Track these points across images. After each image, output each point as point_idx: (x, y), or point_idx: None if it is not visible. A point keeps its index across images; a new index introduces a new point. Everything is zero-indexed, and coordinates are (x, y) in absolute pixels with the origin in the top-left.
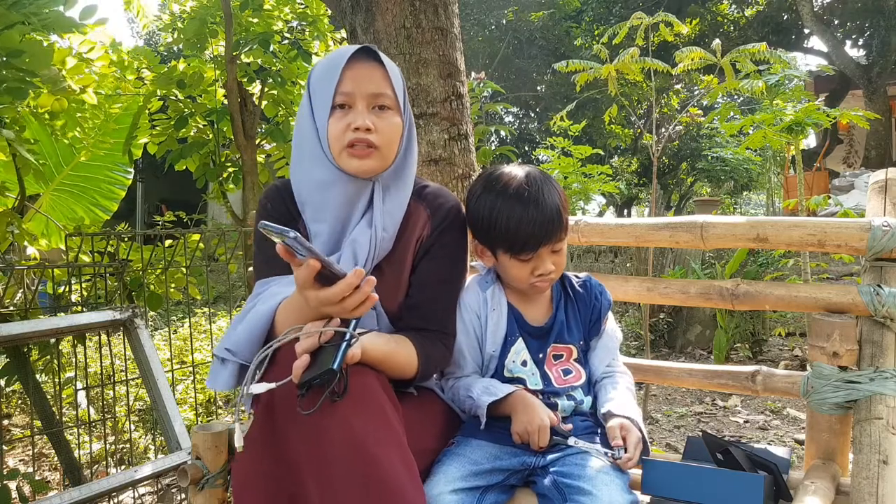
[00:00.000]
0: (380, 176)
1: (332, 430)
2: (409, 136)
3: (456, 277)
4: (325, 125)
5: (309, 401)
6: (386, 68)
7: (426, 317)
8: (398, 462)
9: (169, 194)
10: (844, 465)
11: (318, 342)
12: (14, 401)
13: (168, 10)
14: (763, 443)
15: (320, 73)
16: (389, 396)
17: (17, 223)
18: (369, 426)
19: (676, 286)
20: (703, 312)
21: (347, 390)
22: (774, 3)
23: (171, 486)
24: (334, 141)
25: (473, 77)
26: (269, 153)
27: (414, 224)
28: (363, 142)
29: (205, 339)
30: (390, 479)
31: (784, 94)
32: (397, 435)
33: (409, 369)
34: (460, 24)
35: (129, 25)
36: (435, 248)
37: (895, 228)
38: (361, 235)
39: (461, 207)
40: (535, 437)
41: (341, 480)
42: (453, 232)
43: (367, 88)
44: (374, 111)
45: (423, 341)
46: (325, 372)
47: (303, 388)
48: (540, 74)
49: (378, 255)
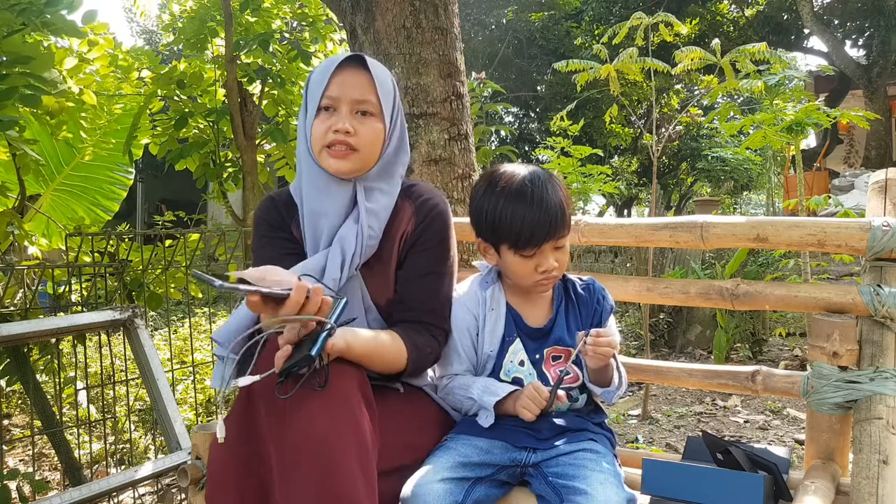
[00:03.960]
0: (362, 177)
1: (296, 425)
2: (400, 140)
3: (442, 270)
4: (311, 125)
5: (287, 387)
6: (373, 76)
7: (413, 309)
8: (355, 463)
9: (169, 194)
10: (844, 465)
11: (297, 336)
12: (14, 401)
13: (168, 10)
14: (763, 443)
15: (313, 78)
16: (366, 397)
17: (18, 223)
18: (334, 427)
19: (676, 286)
20: (703, 312)
21: (329, 383)
22: (774, 3)
23: (171, 486)
24: (316, 141)
25: (473, 77)
26: (269, 153)
27: (399, 221)
28: (342, 143)
29: (205, 339)
30: (345, 479)
31: (784, 94)
32: (362, 438)
33: (398, 363)
34: (460, 24)
35: (129, 25)
36: (419, 242)
37: (895, 228)
38: (349, 232)
39: (446, 203)
40: (534, 394)
41: (298, 474)
42: (437, 227)
43: (351, 94)
44: (356, 116)
45: (412, 334)
46: (302, 358)
47: (282, 375)
48: (540, 74)
49: (366, 253)
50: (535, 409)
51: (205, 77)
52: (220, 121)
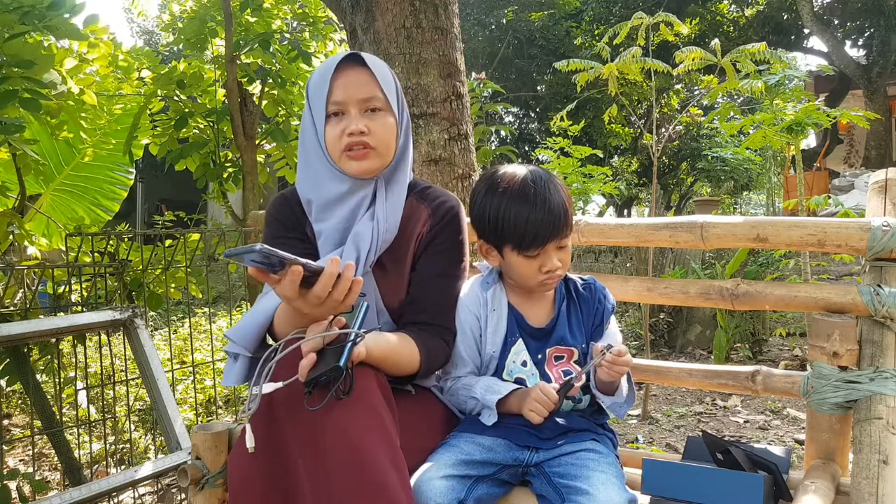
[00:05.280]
0: (382, 174)
1: (328, 430)
2: (406, 133)
3: (454, 273)
4: (324, 133)
5: (315, 398)
6: (373, 72)
7: (426, 311)
8: (388, 463)
9: (169, 194)
10: (844, 465)
11: (322, 343)
12: (14, 401)
13: (168, 11)
14: (763, 443)
15: (313, 85)
16: (386, 397)
17: (18, 223)
18: (362, 427)
19: (676, 286)
20: (703, 312)
21: (353, 389)
22: (774, 3)
23: (171, 486)
24: (332, 147)
25: (473, 77)
26: (269, 153)
27: (415, 222)
28: (359, 144)
29: (205, 339)
30: (381, 479)
31: (784, 94)
32: (389, 436)
33: (412, 366)
34: (460, 24)
35: (129, 26)
36: (434, 244)
37: (895, 228)
38: (364, 228)
39: (461, 207)
40: (542, 397)
41: (334, 480)
42: (452, 229)
43: (356, 94)
44: (366, 114)
45: (425, 337)
46: (331, 369)
47: (309, 385)
48: (540, 74)
49: (380, 248)
50: (544, 411)
51: (205, 77)
52: (220, 121)
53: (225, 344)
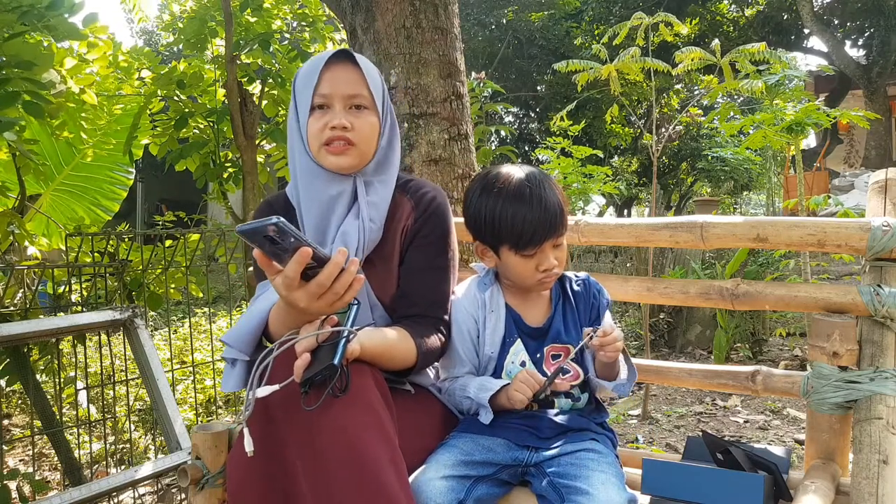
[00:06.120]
0: (361, 171)
1: (325, 429)
2: (392, 133)
3: (442, 264)
4: (307, 124)
5: (312, 397)
6: (362, 70)
7: (417, 304)
8: (387, 461)
9: (169, 194)
10: (844, 465)
11: (316, 341)
12: (14, 401)
13: (168, 10)
14: (763, 443)
15: (301, 77)
16: (383, 394)
17: (18, 223)
18: (360, 425)
19: (676, 286)
20: (703, 312)
21: (349, 387)
22: (774, 3)
23: (171, 486)
24: (313, 139)
25: (473, 77)
26: (269, 153)
27: (400, 216)
28: (340, 139)
29: (205, 339)
30: (380, 478)
31: (784, 94)
32: (387, 434)
33: (408, 360)
34: (460, 24)
35: (129, 26)
36: (420, 236)
37: (895, 228)
38: (350, 227)
39: (444, 196)
40: (526, 377)
41: (334, 480)
42: (437, 220)
43: (343, 90)
44: (350, 111)
45: (419, 329)
46: (326, 367)
47: (305, 385)
48: (540, 74)
49: (368, 246)
50: (528, 391)
51: (205, 77)
52: (220, 121)
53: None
